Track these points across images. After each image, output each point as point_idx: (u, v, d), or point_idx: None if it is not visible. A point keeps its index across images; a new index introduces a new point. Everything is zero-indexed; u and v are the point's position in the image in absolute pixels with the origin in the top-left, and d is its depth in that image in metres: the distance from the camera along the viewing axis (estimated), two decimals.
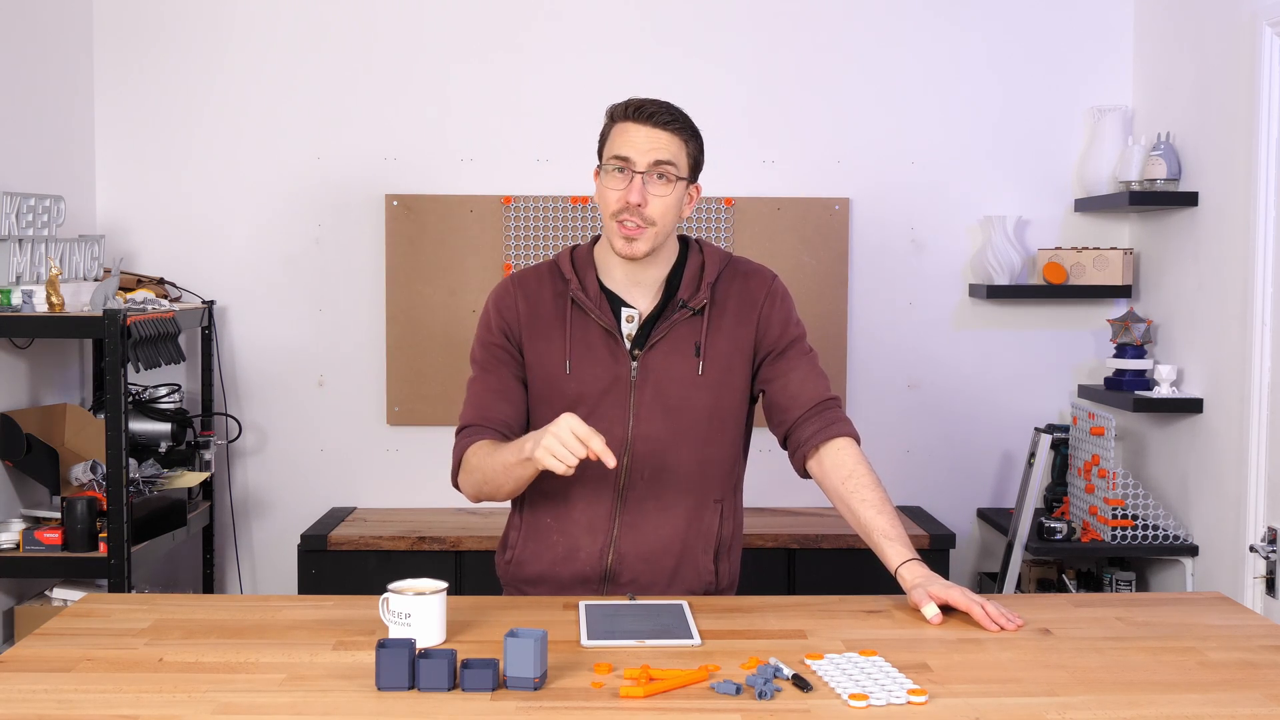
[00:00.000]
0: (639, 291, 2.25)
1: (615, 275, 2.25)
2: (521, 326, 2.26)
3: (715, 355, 2.24)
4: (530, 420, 2.31)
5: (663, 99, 2.21)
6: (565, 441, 1.98)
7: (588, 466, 2.23)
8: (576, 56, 3.96)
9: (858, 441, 2.27)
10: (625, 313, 2.24)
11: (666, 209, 2.17)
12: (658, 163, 2.15)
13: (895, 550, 2.14)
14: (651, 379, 2.22)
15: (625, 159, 2.15)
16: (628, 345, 2.23)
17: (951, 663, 1.85)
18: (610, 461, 1.99)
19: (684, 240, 2.31)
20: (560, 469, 2.00)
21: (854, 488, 2.20)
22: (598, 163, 2.24)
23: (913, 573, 2.11)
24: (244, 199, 3.97)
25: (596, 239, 2.31)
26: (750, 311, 2.27)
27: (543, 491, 2.27)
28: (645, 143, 2.15)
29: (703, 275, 2.25)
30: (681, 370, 2.23)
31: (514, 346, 2.27)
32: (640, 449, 2.23)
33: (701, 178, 2.27)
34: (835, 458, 2.23)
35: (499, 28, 3.96)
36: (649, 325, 2.24)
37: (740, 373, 2.27)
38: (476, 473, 2.20)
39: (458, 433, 2.28)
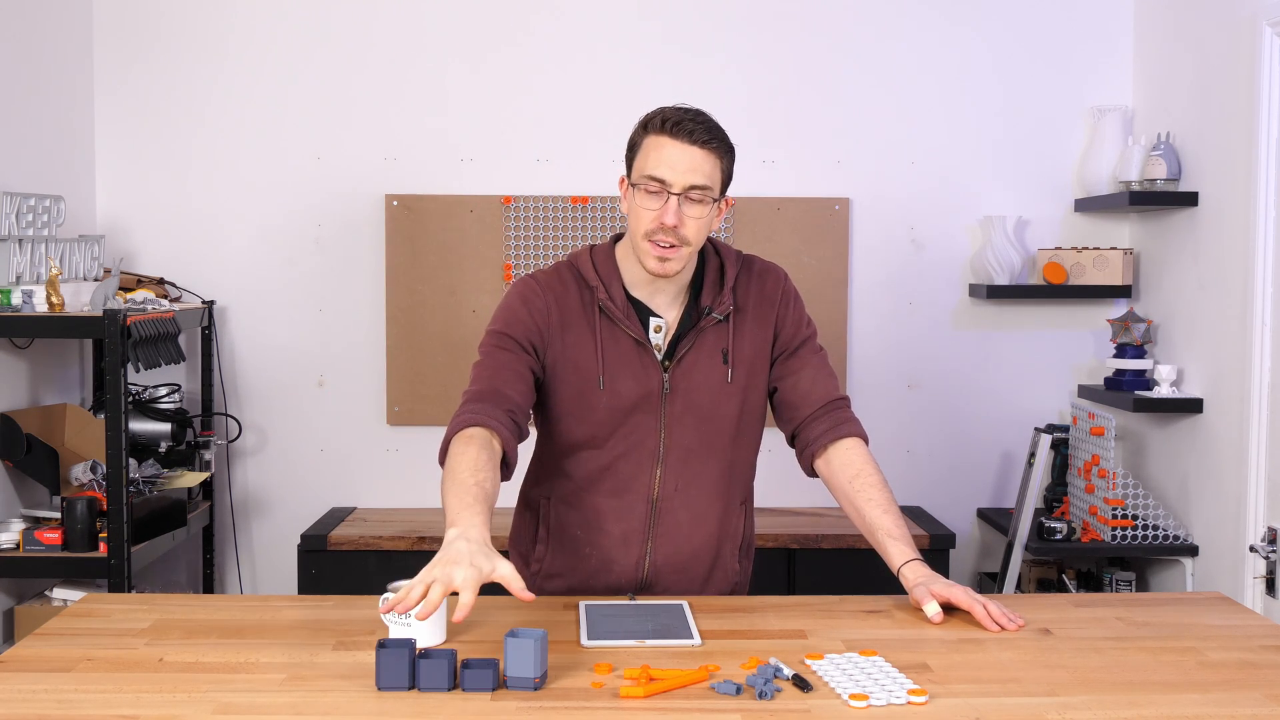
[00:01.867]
0: (663, 300, 2.20)
1: (639, 283, 2.19)
2: (550, 332, 2.17)
3: (741, 360, 2.22)
4: (555, 430, 2.22)
5: (695, 108, 2.14)
6: (429, 593, 1.74)
7: (621, 470, 2.20)
8: (577, 56, 3.95)
9: (866, 442, 2.26)
10: (653, 322, 2.19)
11: (701, 229, 2.11)
12: (693, 187, 2.08)
13: (899, 549, 2.14)
14: (682, 389, 2.19)
15: (661, 180, 2.08)
16: (658, 356, 2.19)
17: (951, 663, 1.85)
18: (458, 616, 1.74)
19: None
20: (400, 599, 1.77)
21: (860, 487, 2.19)
22: (625, 172, 2.16)
23: (915, 572, 2.11)
24: (244, 199, 3.97)
25: (617, 238, 2.25)
26: (769, 312, 2.25)
27: (571, 504, 2.24)
28: (683, 163, 2.08)
29: (723, 279, 2.22)
30: (711, 378, 2.20)
31: (533, 348, 2.17)
32: (673, 460, 2.21)
33: None
34: (843, 457, 2.23)
35: (499, 27, 3.96)
36: (676, 335, 2.20)
37: (762, 374, 2.25)
38: (446, 475, 2.00)
39: (464, 401, 2.11)
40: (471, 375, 2.17)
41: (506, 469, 2.09)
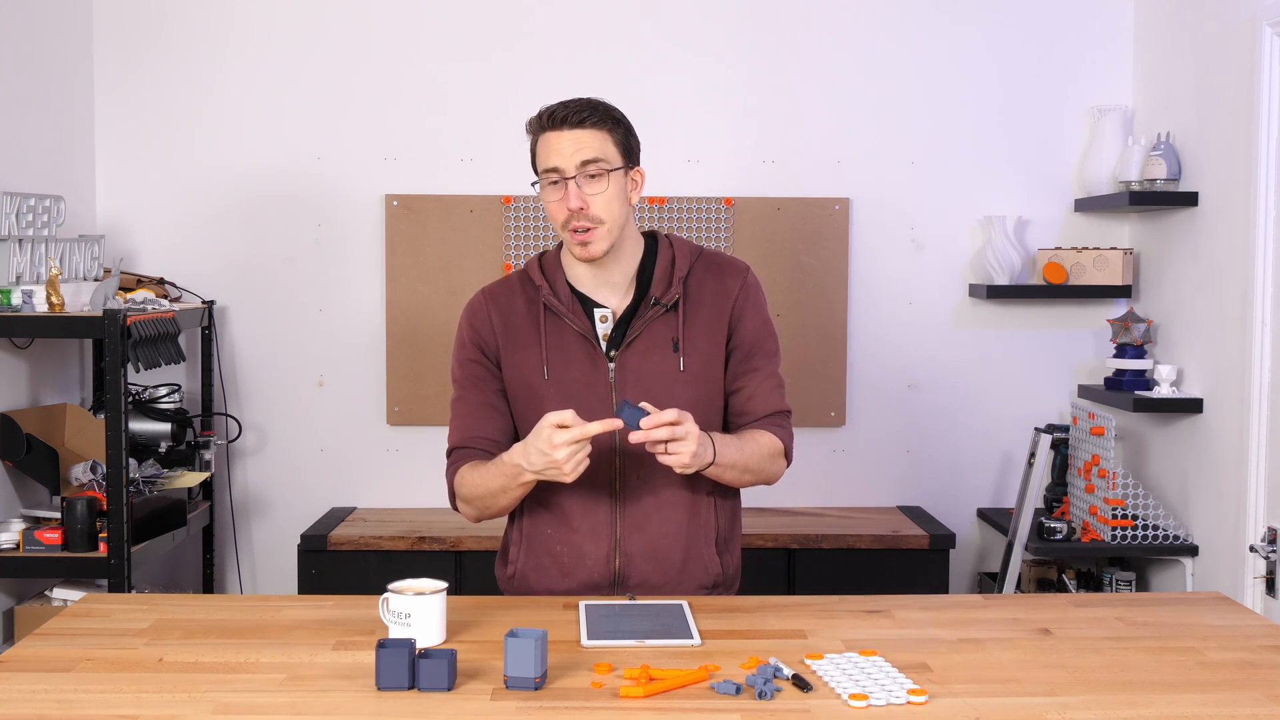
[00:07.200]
0: (609, 290, 2.26)
1: (583, 277, 2.26)
2: (498, 339, 2.27)
3: (694, 350, 2.24)
4: (517, 432, 2.30)
5: (579, 97, 2.22)
6: (554, 447, 2.00)
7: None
8: (577, 56, 3.95)
9: (785, 449, 2.29)
10: (598, 313, 2.24)
11: (609, 203, 2.17)
12: (584, 163, 2.16)
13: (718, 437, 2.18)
14: (632, 378, 2.22)
15: (554, 169, 2.17)
16: (603, 346, 2.23)
17: (951, 663, 1.85)
18: (615, 425, 2.02)
19: (653, 235, 2.32)
20: (571, 478, 2.03)
21: (742, 431, 2.27)
22: (534, 179, 2.25)
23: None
24: (244, 199, 3.97)
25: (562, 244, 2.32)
26: (725, 303, 2.27)
27: (540, 502, 2.26)
28: (568, 147, 2.16)
29: (674, 270, 2.26)
30: (662, 367, 2.23)
31: (491, 361, 2.27)
32: (630, 449, 2.22)
33: (701, 177, 2.28)
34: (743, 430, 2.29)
35: (499, 27, 3.96)
36: (623, 324, 2.24)
37: (718, 365, 2.27)
38: (474, 500, 2.22)
39: (447, 455, 2.29)
40: (450, 415, 2.30)
41: None
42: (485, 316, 2.28)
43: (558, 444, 2.00)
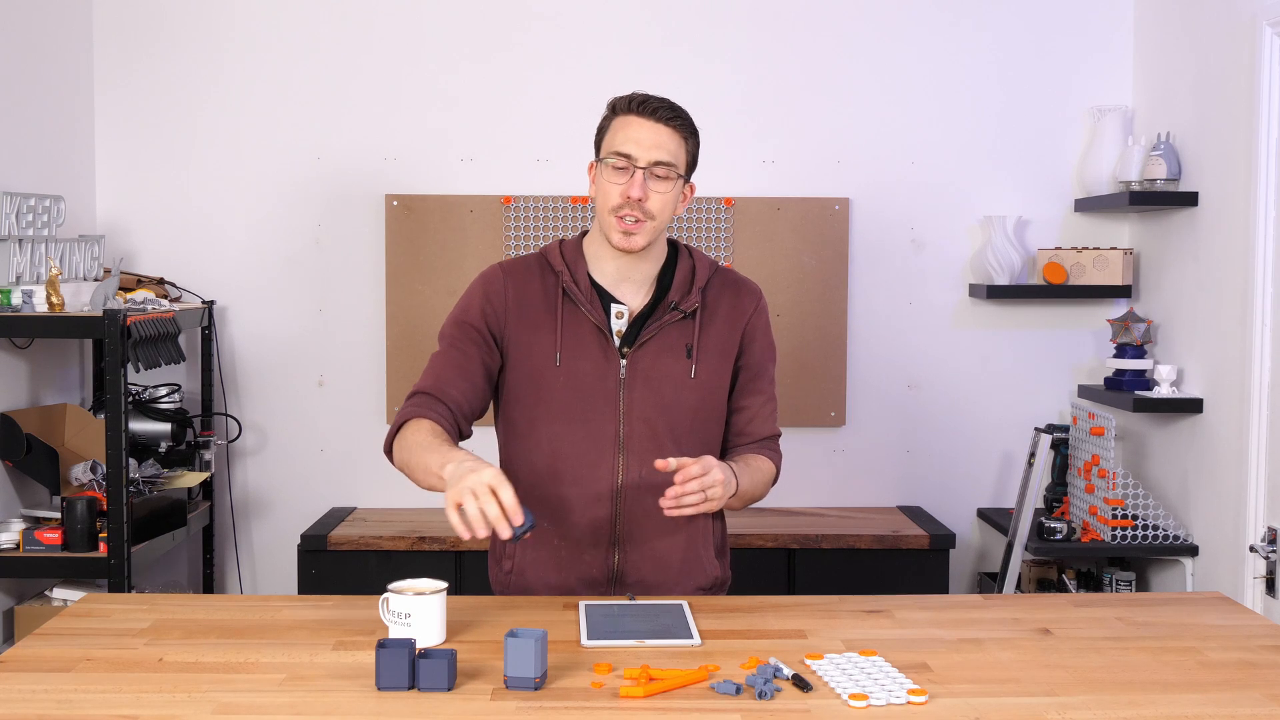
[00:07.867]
0: (629, 287, 2.26)
1: (605, 270, 2.25)
2: (509, 316, 2.24)
3: (706, 359, 2.26)
4: (516, 416, 2.27)
5: (668, 97, 2.22)
6: (480, 496, 1.87)
7: (582, 457, 2.22)
8: (576, 56, 3.96)
9: (776, 471, 2.34)
10: (615, 309, 2.24)
11: (665, 205, 2.18)
12: (659, 163, 2.16)
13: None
14: (641, 377, 2.22)
15: (628, 155, 2.16)
16: (617, 342, 2.23)
17: (951, 663, 1.85)
18: (518, 519, 1.86)
19: (673, 244, 2.33)
20: (461, 531, 1.88)
21: (740, 456, 2.29)
22: (595, 156, 2.23)
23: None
24: (244, 199, 3.97)
25: (584, 234, 2.31)
26: (739, 319, 2.29)
27: (535, 497, 2.25)
28: (648, 139, 2.16)
29: (694, 279, 2.27)
30: (673, 370, 2.23)
31: (491, 335, 2.24)
32: (634, 446, 2.22)
33: (701, 177, 2.28)
34: (744, 453, 2.32)
35: (499, 27, 3.96)
36: (638, 323, 2.24)
37: (726, 378, 2.29)
38: (406, 454, 2.18)
39: (409, 397, 2.24)
40: (425, 367, 2.27)
41: None
42: (501, 291, 2.25)
43: (490, 494, 1.87)
